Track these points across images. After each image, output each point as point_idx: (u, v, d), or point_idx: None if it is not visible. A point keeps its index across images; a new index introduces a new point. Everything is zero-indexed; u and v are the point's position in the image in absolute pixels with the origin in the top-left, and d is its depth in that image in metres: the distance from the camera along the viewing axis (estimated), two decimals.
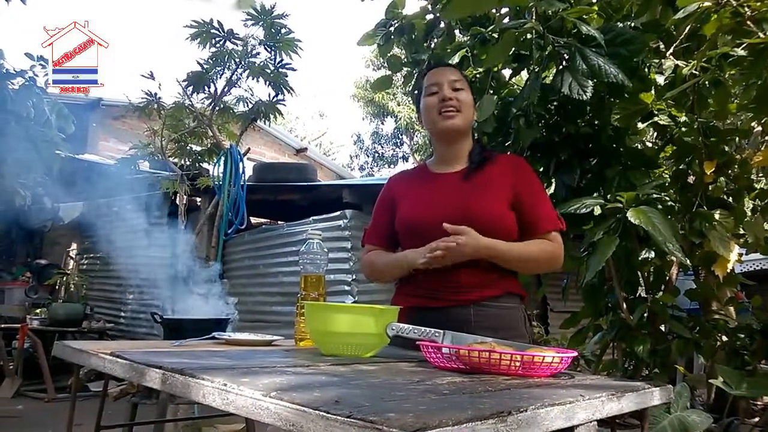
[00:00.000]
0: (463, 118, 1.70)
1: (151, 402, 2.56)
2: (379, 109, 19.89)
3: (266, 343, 1.66)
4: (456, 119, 1.68)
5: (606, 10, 2.47)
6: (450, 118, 1.68)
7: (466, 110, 1.70)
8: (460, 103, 1.69)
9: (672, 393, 1.23)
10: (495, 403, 0.81)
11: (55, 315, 6.19)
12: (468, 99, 1.72)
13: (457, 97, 1.69)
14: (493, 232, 1.59)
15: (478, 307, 1.60)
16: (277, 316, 5.50)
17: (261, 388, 0.82)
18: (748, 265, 7.06)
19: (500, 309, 1.63)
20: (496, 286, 1.63)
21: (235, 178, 5.12)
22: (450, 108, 1.67)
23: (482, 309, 1.61)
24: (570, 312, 2.95)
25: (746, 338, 2.81)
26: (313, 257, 1.66)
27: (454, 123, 1.68)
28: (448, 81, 1.70)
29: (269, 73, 5.44)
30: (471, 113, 1.74)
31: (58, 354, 1.41)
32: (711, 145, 2.45)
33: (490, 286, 1.62)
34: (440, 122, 1.69)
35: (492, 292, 1.62)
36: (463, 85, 1.72)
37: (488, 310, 1.61)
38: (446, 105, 1.68)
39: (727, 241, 2.34)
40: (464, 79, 1.76)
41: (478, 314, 1.60)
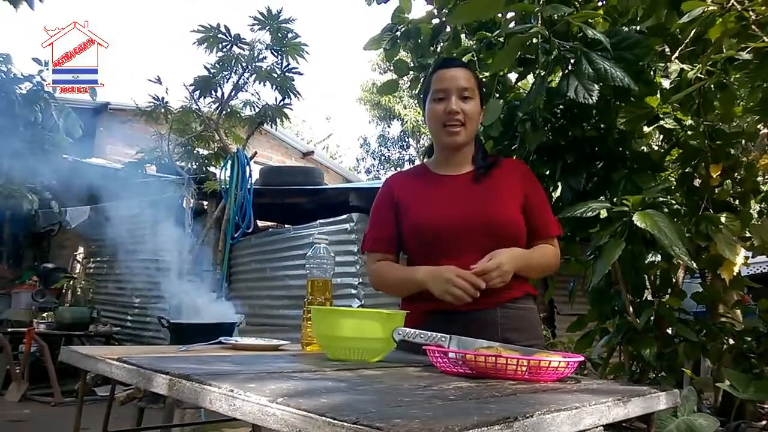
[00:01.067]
0: (466, 132, 1.67)
1: (157, 406, 2.56)
2: (385, 112, 19.91)
3: (273, 347, 1.66)
4: (459, 136, 1.66)
5: (611, 14, 2.47)
6: (454, 134, 1.66)
7: (470, 124, 1.67)
8: (466, 117, 1.65)
9: (678, 397, 1.23)
10: (501, 409, 0.81)
11: (61, 319, 6.21)
12: (474, 110, 1.68)
13: (464, 110, 1.65)
14: (511, 237, 1.61)
15: (503, 309, 1.61)
16: (284, 319, 5.50)
17: (267, 393, 0.82)
18: (754, 268, 7.03)
19: (523, 311, 1.65)
20: (517, 288, 1.64)
21: (242, 182, 5.14)
22: (455, 123, 1.65)
23: (508, 311, 1.61)
24: (577, 315, 2.95)
25: (753, 341, 2.80)
26: (320, 262, 1.67)
27: (457, 140, 1.67)
28: (456, 89, 1.65)
29: (276, 77, 5.48)
30: (476, 124, 1.71)
31: (65, 359, 1.41)
32: (717, 148, 2.45)
33: (513, 287, 1.61)
34: (444, 137, 1.68)
35: (515, 294, 1.63)
36: (472, 93, 1.67)
37: (513, 312, 1.62)
38: (451, 119, 1.64)
39: (733, 245, 2.34)
40: (475, 82, 1.70)
41: (504, 316, 1.60)
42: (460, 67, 1.72)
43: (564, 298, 5.81)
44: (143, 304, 6.87)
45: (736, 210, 2.54)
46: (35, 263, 8.44)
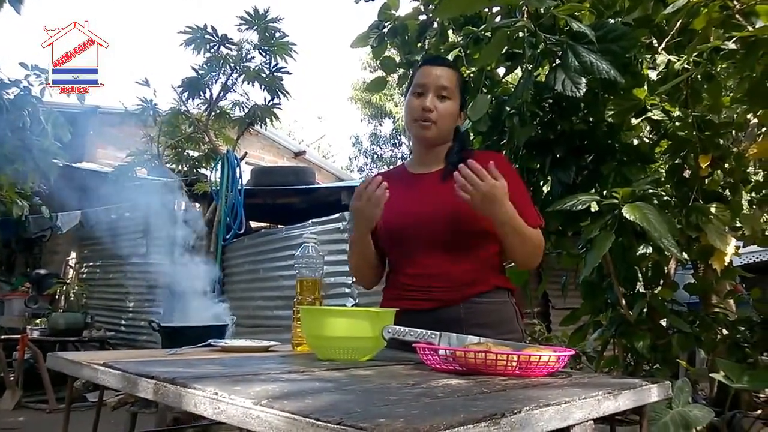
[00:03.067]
0: (437, 130, 1.67)
1: (150, 411, 2.55)
2: (376, 110, 19.89)
3: (263, 349, 1.65)
4: (429, 132, 1.66)
5: (597, 6, 2.46)
6: (424, 129, 1.66)
7: (443, 121, 1.66)
8: (439, 115, 1.65)
9: (670, 389, 1.23)
10: (489, 405, 0.81)
11: (55, 325, 6.17)
12: (449, 110, 1.67)
13: (438, 108, 1.65)
14: (477, 232, 1.59)
15: (468, 304, 1.59)
16: (278, 320, 5.49)
17: (252, 396, 0.82)
18: (746, 258, 7.06)
19: (491, 305, 1.62)
20: (485, 282, 1.62)
21: (233, 183, 5.12)
22: (426, 119, 1.65)
23: (472, 306, 1.59)
24: (571, 309, 2.94)
25: (746, 331, 2.80)
26: (309, 261, 1.66)
27: (426, 135, 1.67)
28: (435, 86, 1.65)
29: (264, 77, 5.45)
30: (451, 122, 1.70)
31: (51, 366, 1.40)
32: (705, 139, 2.45)
33: (479, 282, 1.61)
34: (414, 130, 1.69)
35: (481, 288, 1.61)
36: (450, 93, 1.67)
37: (479, 307, 1.60)
38: (424, 115, 1.65)
39: (724, 235, 2.34)
40: (456, 81, 1.69)
41: (468, 312, 1.59)
42: (445, 67, 1.72)
43: (558, 292, 5.83)
44: (137, 308, 6.85)
45: (726, 200, 2.54)
46: (27, 269, 8.39)
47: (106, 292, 7.40)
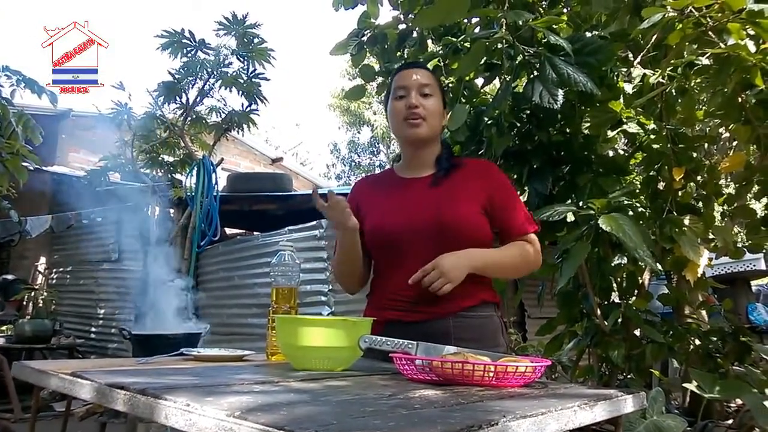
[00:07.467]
0: (428, 126, 1.65)
1: (119, 421, 2.48)
2: (355, 118, 19.90)
3: (237, 358, 1.62)
4: (420, 128, 1.64)
5: (575, 20, 2.50)
6: (415, 126, 1.64)
7: (431, 118, 1.66)
8: (427, 111, 1.64)
9: (645, 399, 1.23)
10: (466, 417, 0.80)
11: (21, 332, 5.99)
12: (435, 106, 1.67)
13: (424, 105, 1.64)
14: (467, 239, 1.57)
15: (456, 318, 1.57)
16: (253, 328, 5.42)
17: (225, 407, 0.79)
18: (718, 269, 7.17)
19: (479, 319, 1.61)
20: (473, 296, 1.60)
21: (208, 189, 5.06)
22: (415, 116, 1.63)
23: (461, 320, 1.58)
24: (547, 318, 2.96)
25: (718, 341, 2.85)
26: (285, 269, 1.64)
27: (418, 132, 1.65)
28: (416, 86, 1.64)
29: (242, 82, 5.40)
30: (438, 121, 1.69)
31: (17, 375, 1.35)
32: (679, 152, 2.49)
33: (468, 296, 1.58)
34: (405, 130, 1.66)
35: (469, 302, 1.59)
36: (432, 90, 1.66)
37: (467, 321, 1.58)
38: (412, 113, 1.63)
39: (697, 246, 2.37)
40: (435, 81, 1.70)
41: (457, 326, 1.57)
42: (420, 68, 1.73)
43: (534, 301, 5.85)
44: (108, 315, 6.72)
45: (699, 212, 2.58)
46: None
47: (76, 299, 7.24)
